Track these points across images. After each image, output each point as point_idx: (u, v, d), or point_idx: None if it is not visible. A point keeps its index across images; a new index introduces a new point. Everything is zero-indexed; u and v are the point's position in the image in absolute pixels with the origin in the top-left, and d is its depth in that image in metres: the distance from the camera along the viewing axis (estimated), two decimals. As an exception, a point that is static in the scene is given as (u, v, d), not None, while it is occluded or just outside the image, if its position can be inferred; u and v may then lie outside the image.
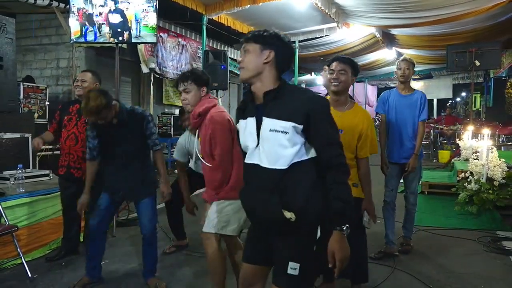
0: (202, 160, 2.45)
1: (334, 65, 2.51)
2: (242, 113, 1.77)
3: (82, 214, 3.33)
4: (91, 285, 2.92)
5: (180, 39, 9.38)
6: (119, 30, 4.59)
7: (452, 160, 7.41)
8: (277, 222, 1.63)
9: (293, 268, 1.61)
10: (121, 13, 4.60)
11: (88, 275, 2.93)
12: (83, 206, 2.91)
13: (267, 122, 1.62)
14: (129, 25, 4.61)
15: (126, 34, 4.62)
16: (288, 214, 1.58)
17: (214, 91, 6.95)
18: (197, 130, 2.50)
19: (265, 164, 1.62)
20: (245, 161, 1.74)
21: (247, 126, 1.72)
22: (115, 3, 4.57)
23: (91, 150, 2.87)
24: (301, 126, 1.59)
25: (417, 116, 3.50)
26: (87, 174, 2.90)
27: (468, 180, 4.86)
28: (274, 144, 1.60)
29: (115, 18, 4.59)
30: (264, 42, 1.67)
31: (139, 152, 2.88)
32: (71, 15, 4.69)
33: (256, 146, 1.66)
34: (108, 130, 2.78)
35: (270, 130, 1.60)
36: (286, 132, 1.58)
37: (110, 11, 4.58)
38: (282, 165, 1.60)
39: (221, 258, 2.46)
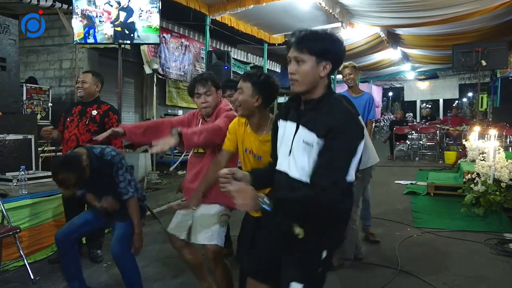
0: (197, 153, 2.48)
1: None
2: (285, 113, 1.66)
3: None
4: None
5: (183, 40, 9.37)
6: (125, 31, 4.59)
7: (459, 161, 7.33)
8: (284, 236, 1.56)
9: None
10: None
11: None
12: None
13: (301, 132, 1.53)
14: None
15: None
16: (297, 230, 1.51)
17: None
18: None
19: (293, 174, 1.55)
20: (276, 167, 1.66)
21: (285, 130, 1.62)
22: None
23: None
24: (322, 141, 1.45)
25: (365, 116, 3.85)
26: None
27: (475, 181, 4.80)
28: (302, 155, 1.50)
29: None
30: (320, 54, 1.49)
31: (114, 195, 2.64)
32: (74, 16, 4.70)
33: (289, 154, 1.57)
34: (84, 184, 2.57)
35: (303, 141, 1.50)
36: (311, 145, 1.47)
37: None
38: (307, 178, 1.50)
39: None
